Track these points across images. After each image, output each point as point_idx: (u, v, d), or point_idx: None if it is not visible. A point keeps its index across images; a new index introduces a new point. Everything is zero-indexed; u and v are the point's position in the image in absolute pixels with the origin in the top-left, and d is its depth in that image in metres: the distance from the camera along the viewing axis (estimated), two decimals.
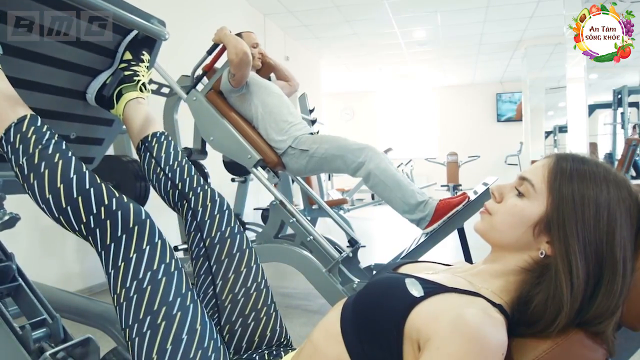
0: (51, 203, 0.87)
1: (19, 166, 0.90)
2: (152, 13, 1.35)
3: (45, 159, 0.89)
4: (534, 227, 0.75)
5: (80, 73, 1.27)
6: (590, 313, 0.70)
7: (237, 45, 2.28)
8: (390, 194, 2.24)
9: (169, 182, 1.16)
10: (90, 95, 1.31)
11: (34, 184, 0.88)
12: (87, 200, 0.87)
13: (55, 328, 1.10)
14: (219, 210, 1.13)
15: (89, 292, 3.17)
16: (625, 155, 6.42)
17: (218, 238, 1.09)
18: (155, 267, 0.85)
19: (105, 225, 0.86)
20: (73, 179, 0.88)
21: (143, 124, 1.23)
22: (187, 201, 1.15)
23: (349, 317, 0.77)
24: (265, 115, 2.48)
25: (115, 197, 0.89)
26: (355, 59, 8.52)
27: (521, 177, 0.80)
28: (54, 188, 0.87)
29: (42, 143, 0.90)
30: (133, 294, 0.82)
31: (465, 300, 0.71)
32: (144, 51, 1.36)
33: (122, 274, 0.84)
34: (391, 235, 5.96)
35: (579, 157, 0.78)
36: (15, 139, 0.90)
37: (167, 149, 1.20)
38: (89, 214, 0.86)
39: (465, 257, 2.30)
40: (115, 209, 0.87)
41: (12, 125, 0.91)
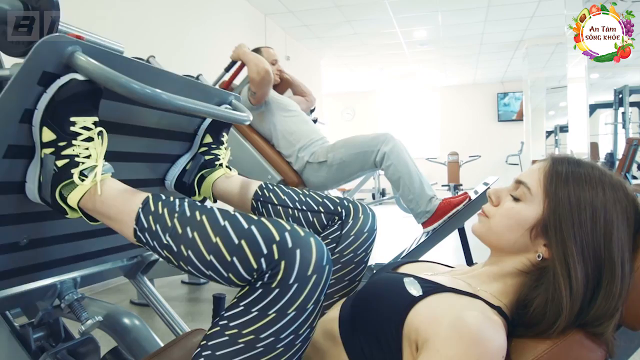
0: (216, 264, 0.70)
1: (166, 246, 0.76)
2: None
3: (189, 223, 0.75)
4: (531, 230, 0.76)
5: (159, 162, 1.18)
6: (590, 315, 0.70)
7: (258, 63, 2.27)
8: (399, 178, 2.24)
9: (307, 213, 1.06)
10: (169, 182, 1.20)
11: (189, 255, 0.73)
12: (252, 241, 0.69)
13: (56, 327, 1.10)
14: (370, 228, 1.04)
15: (89, 292, 3.17)
16: (626, 155, 6.41)
17: (346, 259, 1.00)
18: (302, 332, 0.68)
19: (279, 267, 0.67)
20: (226, 226, 0.72)
21: (245, 187, 1.14)
22: (337, 215, 1.04)
23: (347, 317, 0.77)
24: (285, 133, 2.46)
25: (287, 230, 0.70)
26: (356, 59, 8.52)
27: (517, 180, 0.80)
28: (212, 245, 0.71)
29: (176, 211, 0.77)
30: (260, 347, 0.67)
31: (464, 302, 0.71)
32: (223, 132, 1.25)
33: (264, 323, 0.67)
34: (391, 235, 5.95)
35: (574, 160, 0.78)
36: (150, 222, 0.78)
37: (283, 191, 1.11)
38: (258, 257, 0.68)
39: (466, 257, 2.30)
40: (291, 247, 0.68)
41: (140, 211, 0.79)
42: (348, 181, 2.54)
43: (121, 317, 1.38)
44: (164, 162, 1.19)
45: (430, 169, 10.21)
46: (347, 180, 2.47)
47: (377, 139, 2.29)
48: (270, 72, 2.28)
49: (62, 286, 1.11)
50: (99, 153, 0.85)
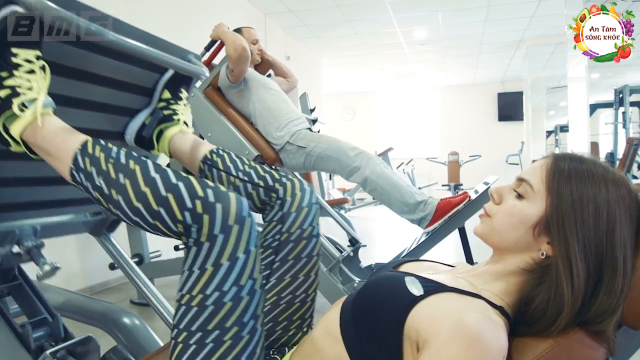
0: (143, 211, 0.77)
1: (98, 188, 0.81)
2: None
3: (122, 170, 0.80)
4: (534, 228, 0.75)
5: (118, 114, 1.21)
6: (591, 312, 0.70)
7: (235, 40, 2.29)
8: (389, 197, 2.25)
9: (247, 184, 1.10)
10: (129, 137, 1.25)
11: (118, 199, 0.79)
12: (178, 195, 0.76)
13: (56, 327, 1.10)
14: (308, 202, 1.07)
15: (89, 291, 3.18)
16: (627, 154, 6.41)
17: (295, 236, 1.04)
18: (243, 283, 0.75)
19: (202, 220, 0.74)
20: (156, 178, 0.78)
21: (196, 148, 1.18)
22: (274, 192, 1.08)
23: (348, 316, 0.77)
24: (263, 111, 2.49)
25: (210, 187, 0.77)
26: (356, 59, 8.52)
27: (519, 178, 0.80)
28: (140, 194, 0.77)
29: (112, 157, 0.83)
30: (210, 304, 0.73)
31: (465, 302, 0.71)
32: (182, 88, 1.28)
33: (206, 278, 0.74)
34: (392, 235, 5.95)
35: (576, 157, 0.78)
36: (86, 164, 0.83)
37: (230, 157, 1.15)
38: (183, 210, 0.75)
39: (466, 257, 2.29)
40: (213, 201, 0.75)
41: (78, 152, 0.84)
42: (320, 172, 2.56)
43: (121, 316, 1.38)
44: (123, 115, 1.22)
45: (430, 169, 10.22)
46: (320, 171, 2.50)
47: (357, 157, 2.30)
48: (247, 48, 2.30)
49: (21, 232, 1.12)
50: (41, 87, 0.88)
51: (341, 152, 2.33)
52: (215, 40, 2.47)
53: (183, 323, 0.75)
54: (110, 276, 3.31)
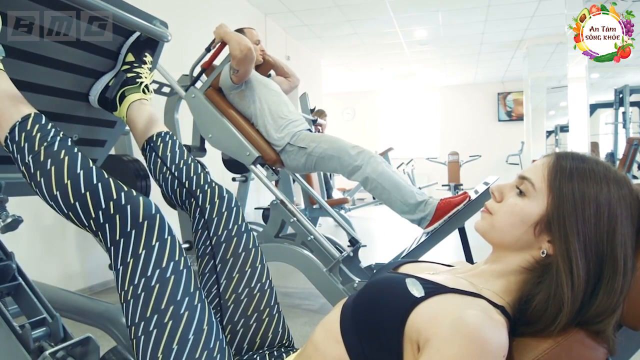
0: (59, 199, 0.86)
1: (25, 164, 0.89)
2: (152, 13, 1.34)
3: (52, 156, 0.88)
4: (535, 226, 0.75)
5: (83, 75, 1.26)
6: (591, 311, 0.69)
7: (240, 41, 2.28)
8: (389, 196, 2.24)
9: (175, 180, 1.15)
10: (93, 98, 1.30)
11: (40, 181, 0.87)
12: (95, 195, 0.85)
13: (55, 327, 1.10)
14: (227, 207, 1.12)
15: (89, 292, 3.17)
16: (627, 154, 6.41)
17: (225, 236, 1.08)
18: (164, 265, 0.83)
19: (114, 220, 0.84)
20: (80, 175, 0.86)
21: (147, 124, 1.23)
22: (194, 199, 1.13)
23: (348, 317, 0.77)
24: (264, 112, 2.49)
25: (123, 190, 0.87)
26: (357, 59, 8.52)
27: (521, 176, 0.79)
28: (62, 184, 0.86)
29: (47, 140, 0.89)
30: (141, 292, 0.81)
31: (466, 301, 0.71)
32: (146, 53, 1.34)
33: (130, 270, 0.82)
34: (392, 235, 5.95)
35: (578, 156, 0.77)
36: (21, 138, 0.89)
37: (173, 148, 1.19)
38: (97, 209, 0.84)
39: (466, 257, 2.29)
40: (124, 203, 0.85)
41: (17, 124, 0.90)
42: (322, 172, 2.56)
43: (121, 316, 1.38)
44: (88, 76, 1.27)
45: (430, 169, 10.22)
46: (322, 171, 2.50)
47: (358, 155, 2.29)
48: (252, 49, 2.30)
49: None
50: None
51: (342, 152, 2.32)
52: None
53: (129, 319, 0.82)
54: (109, 276, 3.31)
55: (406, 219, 2.27)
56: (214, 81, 2.51)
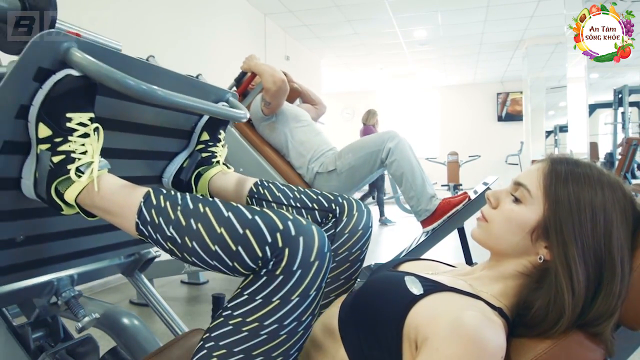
0: (221, 254, 0.71)
1: (170, 239, 0.76)
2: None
3: (192, 215, 0.75)
4: (532, 233, 0.75)
5: (156, 159, 1.18)
6: (590, 315, 0.70)
7: (274, 74, 2.26)
8: (402, 174, 2.23)
9: (302, 210, 1.06)
10: (167, 180, 1.20)
11: (194, 246, 0.74)
12: (257, 231, 0.70)
13: (55, 327, 1.10)
14: (364, 225, 1.02)
15: (89, 292, 3.17)
16: (626, 155, 6.41)
17: (340, 258, 0.99)
18: (304, 319, 0.70)
19: (283, 253, 0.69)
20: (230, 217, 0.73)
21: (240, 183, 1.15)
22: (331, 212, 1.04)
23: (347, 314, 0.77)
24: (296, 144, 2.45)
25: (289, 219, 0.72)
26: (356, 59, 8.52)
27: (516, 182, 0.80)
28: (216, 236, 0.72)
29: (179, 203, 0.78)
30: (264, 334, 0.68)
31: (464, 302, 0.71)
32: (220, 130, 1.25)
33: (268, 310, 0.68)
34: (392, 235, 5.95)
35: (572, 160, 0.78)
36: (152, 215, 0.78)
37: (278, 187, 1.11)
38: (263, 245, 0.69)
39: (465, 257, 2.30)
40: (295, 234, 0.70)
41: (142, 204, 0.79)
42: (360, 186, 2.50)
43: (120, 317, 1.38)
44: (162, 159, 1.19)
45: (430, 169, 10.19)
46: (359, 185, 2.44)
47: (382, 137, 2.29)
48: (286, 82, 2.28)
49: (59, 283, 1.11)
50: (95, 149, 0.85)
51: (367, 146, 2.31)
52: (245, 72, 2.43)
53: (224, 341, 0.70)
54: (109, 276, 3.30)
55: (409, 203, 2.28)
56: None
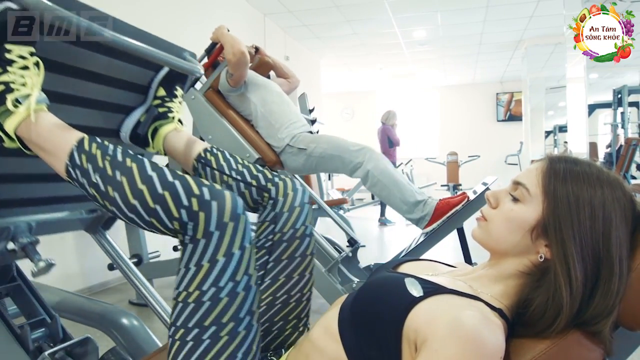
0: (139, 208, 0.78)
1: (94, 185, 0.82)
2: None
3: (119, 167, 0.81)
4: (532, 231, 0.75)
5: (113, 111, 1.22)
6: (588, 313, 0.70)
7: (234, 45, 2.28)
8: (389, 193, 2.24)
9: (241, 183, 1.10)
10: (125, 134, 1.25)
11: (115, 196, 0.79)
12: (174, 194, 0.77)
13: (54, 328, 1.10)
14: (300, 202, 1.07)
15: (88, 292, 3.17)
16: (625, 155, 6.42)
17: (288, 236, 1.04)
18: (239, 278, 0.77)
19: (198, 217, 0.76)
20: (153, 177, 0.79)
21: (190, 146, 1.19)
22: (266, 191, 1.08)
23: (347, 316, 0.77)
24: (265, 113, 2.48)
25: (205, 185, 0.79)
26: (356, 59, 8.52)
27: (515, 181, 0.80)
28: (137, 192, 0.78)
29: (109, 154, 0.83)
30: (207, 300, 0.74)
31: (464, 303, 0.71)
32: (177, 86, 1.29)
33: (202, 274, 0.75)
34: (391, 235, 5.96)
35: (571, 159, 0.78)
36: (82, 160, 0.83)
37: (225, 157, 1.15)
38: (179, 207, 0.76)
39: (465, 257, 2.30)
40: (209, 199, 0.77)
41: (74, 148, 0.84)
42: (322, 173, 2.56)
43: (120, 317, 1.38)
44: (119, 112, 1.23)
45: (429, 169, 10.22)
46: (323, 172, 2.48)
47: (359, 152, 2.29)
48: (245, 53, 2.29)
49: (15, 229, 1.12)
50: (35, 83, 0.88)
51: (343, 150, 2.32)
52: (215, 42, 2.45)
53: (180, 320, 0.75)
54: (109, 277, 3.31)
55: (405, 217, 2.28)
56: (213, 83, 2.51)
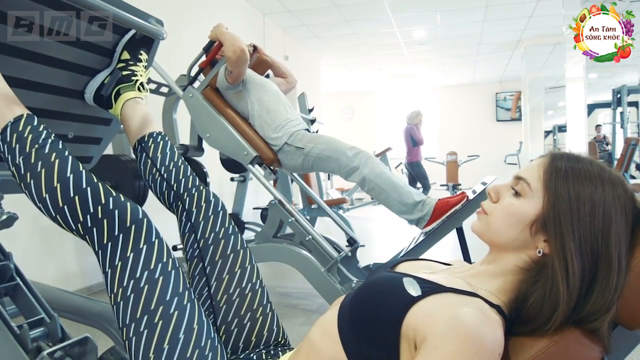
0: (48, 202, 0.87)
1: (16, 165, 0.90)
2: (150, 12, 1.34)
3: (42, 159, 0.88)
4: (531, 226, 0.76)
5: (79, 72, 1.27)
6: (586, 310, 0.70)
7: (234, 42, 2.28)
8: (387, 196, 2.25)
9: (164, 182, 1.16)
10: (89, 95, 1.31)
11: (30, 183, 0.88)
12: (83, 199, 0.86)
13: (53, 327, 1.10)
14: (214, 210, 1.13)
15: (87, 292, 3.17)
16: (625, 154, 6.42)
17: (212, 239, 1.09)
18: (152, 267, 0.85)
19: (102, 224, 0.85)
20: (70, 178, 0.87)
21: (141, 124, 1.23)
22: (182, 202, 1.15)
23: (346, 316, 0.77)
24: (262, 112, 2.48)
25: (112, 195, 0.88)
26: (355, 59, 8.52)
27: (517, 176, 0.80)
28: (51, 187, 0.86)
29: (38, 142, 0.90)
30: (130, 293, 0.83)
31: (462, 300, 0.71)
32: (142, 51, 1.35)
33: (119, 273, 0.85)
34: (390, 235, 5.96)
35: (573, 156, 0.78)
36: (12, 138, 0.90)
37: (164, 149, 1.20)
38: (85, 213, 0.86)
39: (464, 257, 2.30)
40: (112, 208, 0.86)
41: (9, 124, 0.91)
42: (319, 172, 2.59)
43: None
44: (84, 74, 1.27)
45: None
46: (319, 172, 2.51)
47: (355, 156, 2.30)
48: (245, 51, 2.29)
49: None
50: None
51: (340, 153, 2.33)
52: (213, 40, 2.46)
53: (120, 321, 0.84)
54: None
55: (404, 219, 2.28)
56: (211, 81, 2.51)
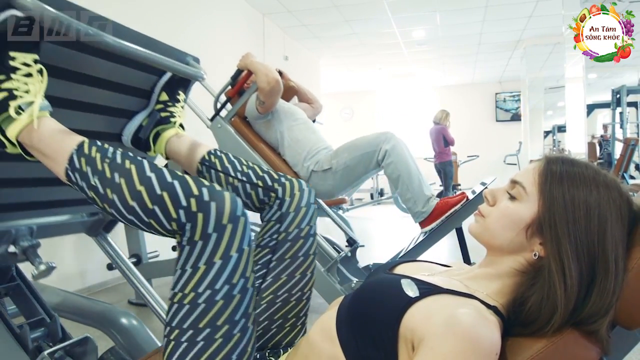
0: (138, 210, 0.78)
1: (93, 188, 0.82)
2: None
3: (117, 169, 0.81)
4: (527, 229, 0.76)
5: (116, 116, 1.22)
6: (585, 312, 0.70)
7: (268, 73, 2.25)
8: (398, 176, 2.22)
9: (247, 184, 1.10)
10: (126, 138, 1.26)
11: (113, 199, 0.79)
12: (173, 194, 0.76)
13: (54, 327, 1.10)
14: (307, 202, 1.08)
15: (87, 292, 3.17)
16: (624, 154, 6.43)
17: (293, 236, 1.05)
18: (235, 281, 0.76)
19: (196, 218, 0.75)
20: (151, 177, 0.79)
21: (193, 149, 1.19)
22: (274, 192, 1.08)
23: (344, 317, 0.77)
24: (292, 142, 2.45)
25: (205, 186, 0.78)
26: (355, 59, 8.52)
27: (513, 180, 0.81)
28: (135, 193, 0.78)
29: (108, 157, 0.83)
30: (202, 302, 0.74)
31: (459, 302, 0.72)
32: (179, 91, 1.30)
33: (199, 276, 0.75)
34: (390, 235, 5.96)
35: (568, 160, 0.79)
36: (81, 164, 0.84)
37: (229, 158, 1.15)
38: (178, 208, 0.76)
39: (464, 257, 2.30)
40: (208, 200, 0.76)
41: (74, 152, 0.85)
42: (356, 186, 2.52)
43: (119, 317, 1.38)
44: (121, 117, 1.23)
45: (428, 169, 10.23)
46: (355, 184, 2.45)
47: (378, 138, 2.28)
48: (280, 81, 2.27)
49: (17, 232, 1.12)
50: (38, 90, 0.89)
51: (363, 147, 2.30)
52: (241, 69, 2.42)
53: (175, 321, 0.76)
54: (108, 276, 3.31)
55: (406, 206, 2.27)
56: (239, 110, 2.48)
